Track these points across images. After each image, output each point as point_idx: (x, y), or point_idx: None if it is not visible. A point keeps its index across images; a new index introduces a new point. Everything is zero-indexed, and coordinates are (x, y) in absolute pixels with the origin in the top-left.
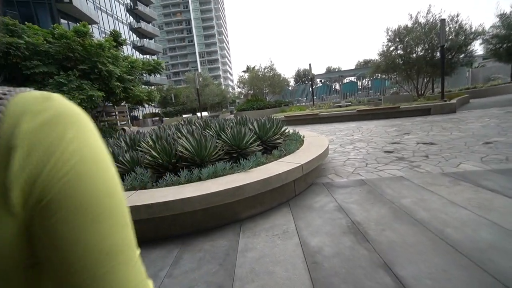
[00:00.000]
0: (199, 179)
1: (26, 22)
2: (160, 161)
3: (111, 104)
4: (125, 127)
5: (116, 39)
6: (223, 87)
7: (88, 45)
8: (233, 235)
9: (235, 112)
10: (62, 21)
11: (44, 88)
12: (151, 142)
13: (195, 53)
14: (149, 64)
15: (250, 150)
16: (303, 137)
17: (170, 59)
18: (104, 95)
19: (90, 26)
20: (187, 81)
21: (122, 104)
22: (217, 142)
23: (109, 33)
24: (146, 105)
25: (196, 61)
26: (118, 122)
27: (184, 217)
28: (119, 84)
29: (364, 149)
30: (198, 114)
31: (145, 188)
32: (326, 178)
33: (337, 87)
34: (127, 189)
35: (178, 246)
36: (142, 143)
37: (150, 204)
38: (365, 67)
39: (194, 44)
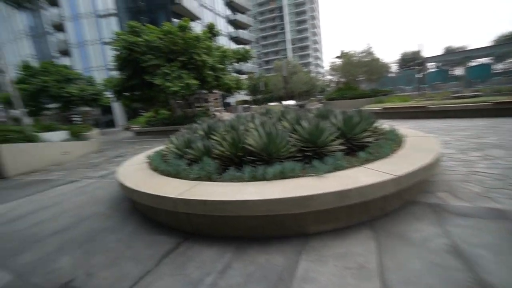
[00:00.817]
0: (263, 178)
1: (147, 24)
2: (227, 153)
3: (206, 91)
4: (216, 113)
5: (211, 30)
6: (312, 74)
7: (187, 38)
8: (293, 253)
9: (323, 101)
10: (174, 20)
11: (154, 78)
12: (223, 133)
13: (285, 40)
14: (239, 53)
15: (328, 149)
16: (404, 136)
17: (262, 47)
18: (199, 83)
19: (193, 22)
20: (276, 69)
21: (215, 91)
22: (290, 136)
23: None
24: (238, 92)
25: (286, 49)
26: (212, 107)
27: (241, 219)
28: (211, 73)
29: (504, 161)
30: (284, 102)
31: (210, 180)
32: (434, 197)
33: (459, 72)
34: (193, 178)
35: (231, 250)
36: (216, 132)
37: (206, 201)
38: (509, 42)
39: (285, 32)
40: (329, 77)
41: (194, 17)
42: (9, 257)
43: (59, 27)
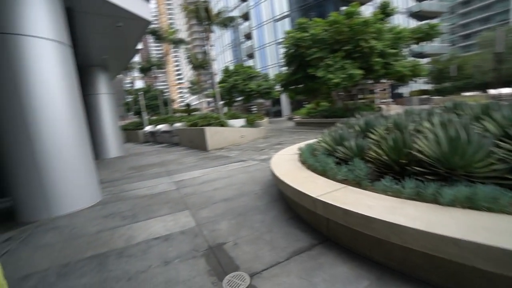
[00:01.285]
0: (434, 200)
1: (314, 18)
2: (385, 157)
3: (372, 81)
4: (382, 105)
5: (384, 10)
6: None
7: (354, 25)
8: None
9: None
10: (343, 9)
11: (317, 71)
12: (384, 132)
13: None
14: (420, 31)
15: None
16: None
17: (460, 17)
18: (364, 73)
19: (363, 5)
20: (482, 44)
21: (383, 81)
22: (496, 146)
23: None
24: (415, 81)
25: (505, 12)
26: (378, 99)
27: (392, 246)
28: (379, 59)
29: None
30: (493, 91)
31: (359, 186)
32: None
33: None
34: (339, 180)
35: (370, 278)
36: (375, 130)
37: (348, 211)
38: None
39: None
40: None
41: (365, 0)
42: (196, 210)
43: (248, 36)
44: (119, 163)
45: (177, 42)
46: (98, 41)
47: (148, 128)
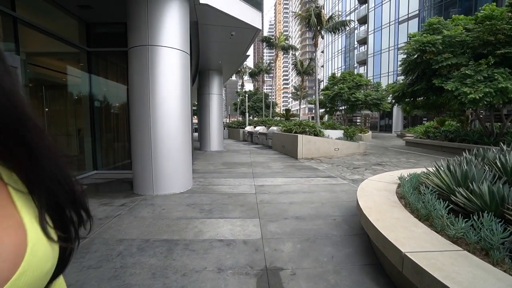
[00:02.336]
0: None
1: (454, 16)
2: None
3: None
4: None
5: None
6: None
7: None
8: None
9: None
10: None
11: (447, 82)
12: None
13: None
14: None
15: None
16: None
17: None
18: None
19: None
20: None
21: None
22: None
23: None
24: None
25: None
26: None
27: None
28: None
29: None
30: None
31: (484, 256)
32: None
33: None
34: (450, 237)
35: None
36: None
37: None
38: None
39: None
40: None
41: None
42: (266, 222)
43: (363, 41)
44: (216, 157)
45: (287, 48)
46: (216, 49)
47: (248, 128)
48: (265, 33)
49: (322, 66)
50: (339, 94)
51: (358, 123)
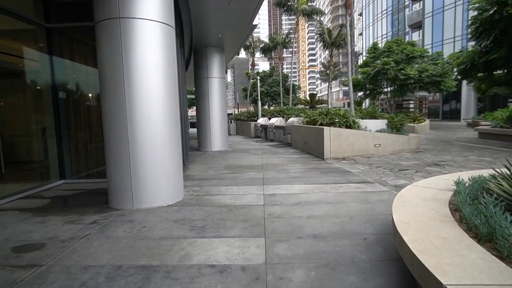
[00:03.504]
0: None
1: None
2: None
3: None
4: None
5: None
6: None
7: None
8: None
9: None
10: None
11: None
12: None
13: None
14: None
15: None
16: None
17: None
18: None
19: None
20: None
21: None
22: None
23: None
24: None
25: None
26: None
27: None
28: None
29: None
30: None
31: None
32: None
33: None
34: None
35: None
36: None
37: None
38: None
39: None
40: None
41: None
42: (273, 241)
43: None
44: (219, 159)
45: (310, 13)
46: (213, 19)
47: (260, 120)
48: None
49: (360, 34)
50: (382, 71)
51: (410, 109)
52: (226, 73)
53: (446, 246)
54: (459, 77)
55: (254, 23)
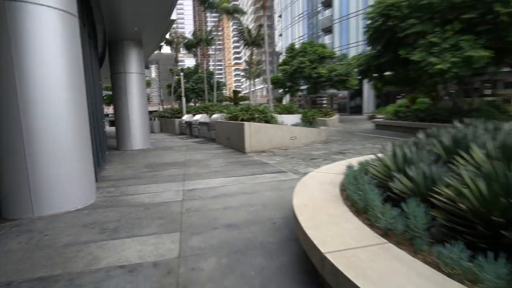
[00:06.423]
0: None
1: None
2: (465, 206)
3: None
4: None
5: None
6: None
7: None
8: None
9: None
10: None
11: (413, 52)
12: (482, 159)
13: None
14: None
15: None
16: None
17: None
18: (493, 55)
19: None
20: None
21: None
22: None
23: None
24: None
25: None
26: None
27: None
28: None
29: None
30: None
31: (408, 246)
32: None
33: None
34: (380, 229)
35: None
36: (469, 154)
37: None
38: None
39: None
40: None
41: None
42: (188, 235)
43: (328, 2)
44: (139, 157)
45: (233, 12)
46: (127, 10)
47: (185, 117)
48: None
49: (280, 35)
50: (299, 70)
51: (324, 105)
52: (148, 68)
53: (331, 221)
54: (359, 77)
55: (172, 17)
